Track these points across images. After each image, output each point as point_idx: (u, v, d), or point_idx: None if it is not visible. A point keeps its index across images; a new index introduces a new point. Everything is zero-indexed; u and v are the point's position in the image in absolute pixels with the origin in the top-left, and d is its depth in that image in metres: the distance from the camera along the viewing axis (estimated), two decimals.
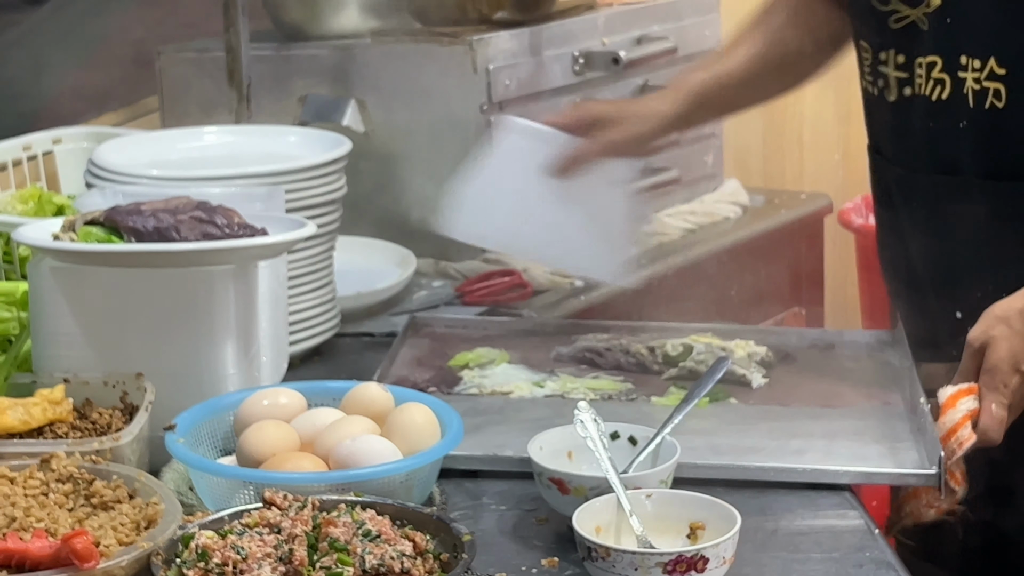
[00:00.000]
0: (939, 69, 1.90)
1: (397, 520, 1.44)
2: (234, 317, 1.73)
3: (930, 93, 1.91)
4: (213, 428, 1.67)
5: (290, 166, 2.05)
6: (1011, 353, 1.72)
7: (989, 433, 1.72)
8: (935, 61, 1.90)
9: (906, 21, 1.92)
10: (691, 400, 1.72)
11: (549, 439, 1.65)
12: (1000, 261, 1.89)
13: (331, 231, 2.10)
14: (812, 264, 2.92)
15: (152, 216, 1.74)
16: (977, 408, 1.72)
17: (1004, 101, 1.85)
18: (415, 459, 1.56)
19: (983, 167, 1.89)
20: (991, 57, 1.85)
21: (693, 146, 2.78)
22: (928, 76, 1.91)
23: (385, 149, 2.50)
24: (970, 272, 1.92)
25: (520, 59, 2.48)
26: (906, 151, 1.98)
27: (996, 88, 1.85)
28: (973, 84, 1.87)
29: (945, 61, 1.89)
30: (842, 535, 1.58)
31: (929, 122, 1.92)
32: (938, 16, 1.89)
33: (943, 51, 1.89)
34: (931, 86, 1.91)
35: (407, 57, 2.47)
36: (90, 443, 1.55)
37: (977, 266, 1.92)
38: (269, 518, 1.41)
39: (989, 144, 1.88)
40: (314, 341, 2.09)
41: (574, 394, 1.92)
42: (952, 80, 1.89)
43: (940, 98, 1.90)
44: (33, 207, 2.27)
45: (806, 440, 1.77)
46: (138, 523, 1.43)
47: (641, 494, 1.52)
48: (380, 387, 1.69)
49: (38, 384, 1.70)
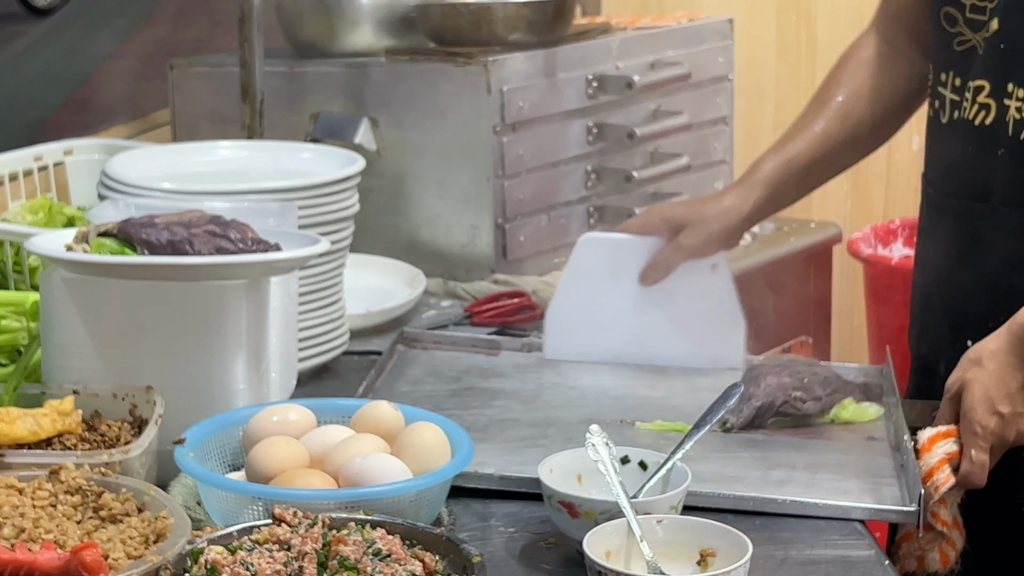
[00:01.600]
0: (986, 94, 1.90)
1: (407, 540, 1.43)
2: (245, 332, 1.73)
3: (974, 117, 1.91)
4: (222, 443, 1.67)
5: (304, 182, 2.04)
6: (985, 395, 1.72)
7: (971, 477, 1.72)
8: (983, 86, 1.90)
9: (967, 45, 1.93)
10: (702, 427, 1.71)
11: (559, 462, 1.64)
12: (1010, 291, 1.88)
13: (342, 248, 2.10)
14: (820, 293, 2.92)
15: (166, 229, 1.73)
16: (956, 451, 1.73)
17: None
18: (426, 478, 1.55)
19: (1013, 196, 1.89)
20: None
21: (704, 172, 2.78)
22: (974, 100, 1.91)
23: (397, 168, 2.50)
24: (985, 302, 1.92)
25: (534, 81, 2.48)
26: (943, 174, 1.98)
27: None
28: (1015, 113, 1.87)
29: (993, 86, 1.89)
30: (853, 566, 1.57)
31: (968, 146, 1.93)
32: (993, 40, 1.89)
33: (992, 76, 1.89)
34: (976, 110, 1.91)
35: (421, 76, 2.47)
36: (100, 455, 1.54)
37: (992, 296, 1.91)
38: (279, 535, 1.40)
39: (1021, 173, 1.88)
40: (322, 358, 2.09)
41: None
42: (997, 106, 1.89)
43: (984, 123, 1.90)
44: (43, 218, 2.26)
45: (788, 471, 1.77)
46: (147, 537, 1.42)
47: (652, 519, 1.51)
48: (391, 406, 1.68)
49: (47, 395, 1.69)
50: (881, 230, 3.71)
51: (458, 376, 2.07)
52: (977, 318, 1.91)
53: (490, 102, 2.42)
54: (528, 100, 2.46)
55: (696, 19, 2.81)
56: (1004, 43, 1.88)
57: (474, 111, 2.43)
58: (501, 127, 2.43)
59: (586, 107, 2.57)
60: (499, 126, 2.43)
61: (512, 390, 2.03)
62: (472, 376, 2.07)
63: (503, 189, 2.45)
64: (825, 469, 1.78)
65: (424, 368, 2.09)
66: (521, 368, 2.10)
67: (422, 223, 2.50)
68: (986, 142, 1.90)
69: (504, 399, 1.99)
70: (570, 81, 2.54)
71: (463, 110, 2.44)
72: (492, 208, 2.44)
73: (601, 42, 2.62)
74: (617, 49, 2.61)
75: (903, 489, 1.72)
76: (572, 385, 2.05)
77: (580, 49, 2.57)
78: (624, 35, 2.64)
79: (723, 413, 1.74)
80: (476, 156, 2.44)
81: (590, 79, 2.56)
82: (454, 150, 2.46)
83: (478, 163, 2.44)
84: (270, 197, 1.99)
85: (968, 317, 1.94)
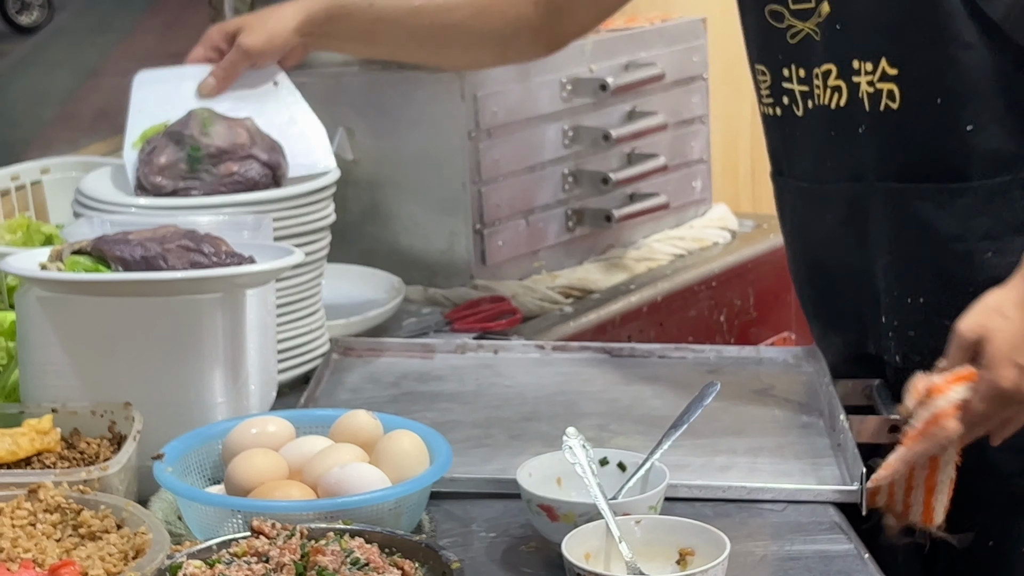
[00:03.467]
0: (834, 76, 1.89)
1: (386, 548, 1.43)
2: (222, 345, 1.73)
3: (829, 102, 1.90)
4: (201, 457, 1.67)
5: (278, 194, 2.05)
6: (1011, 346, 1.64)
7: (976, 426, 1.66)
8: (830, 69, 1.89)
9: (801, 35, 1.92)
10: (680, 426, 1.71)
11: (538, 465, 1.64)
12: (906, 264, 1.89)
13: (319, 259, 2.10)
14: None
15: (139, 245, 1.74)
16: (968, 399, 1.65)
17: (899, 102, 1.84)
18: (404, 486, 1.56)
19: (885, 171, 1.88)
20: (882, 58, 1.84)
21: (681, 171, 2.79)
22: (825, 85, 1.90)
23: (373, 177, 2.50)
24: (880, 277, 1.92)
25: (508, 86, 2.48)
26: (814, 164, 1.97)
27: (890, 89, 1.84)
28: (867, 88, 1.86)
29: (839, 68, 1.88)
30: (832, 560, 1.58)
31: (831, 131, 1.92)
32: (828, 24, 1.88)
33: (836, 58, 1.88)
34: (829, 95, 1.90)
35: (395, 85, 2.47)
36: (78, 473, 1.54)
37: (885, 271, 1.91)
38: (257, 547, 1.41)
39: (888, 147, 1.87)
40: (303, 369, 2.09)
41: None
42: (848, 86, 1.88)
43: (839, 105, 1.89)
44: (21, 237, 2.26)
45: (730, 457, 1.80)
46: (126, 553, 1.42)
47: (631, 520, 1.51)
48: (369, 415, 1.69)
49: (26, 414, 1.69)
50: None
51: (396, 381, 2.09)
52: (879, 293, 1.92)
53: (464, 108, 2.43)
54: (503, 105, 2.47)
55: (669, 19, 2.82)
56: (839, 23, 1.87)
57: (449, 118, 2.44)
58: (476, 133, 2.44)
59: (561, 110, 2.57)
60: (474, 132, 2.44)
61: (451, 392, 2.05)
62: (410, 380, 2.09)
63: (480, 195, 2.45)
64: (765, 452, 1.82)
65: (361, 375, 2.11)
66: (457, 370, 2.12)
67: (400, 231, 2.50)
68: (846, 123, 1.89)
69: (444, 401, 2.01)
70: (544, 85, 2.54)
71: (438, 117, 2.44)
72: (470, 214, 2.45)
73: (574, 45, 2.59)
74: (591, 51, 2.62)
75: (842, 468, 1.75)
76: (509, 383, 2.07)
77: None
78: (597, 37, 2.64)
79: (700, 412, 1.74)
80: (452, 163, 2.44)
81: (564, 82, 2.57)
82: (430, 157, 2.46)
83: (454, 169, 2.44)
84: (244, 210, 1.99)
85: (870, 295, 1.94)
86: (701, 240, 2.78)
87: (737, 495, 1.71)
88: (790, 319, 2.89)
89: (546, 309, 2.44)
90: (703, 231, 2.80)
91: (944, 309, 1.83)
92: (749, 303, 2.79)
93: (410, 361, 2.16)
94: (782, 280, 2.86)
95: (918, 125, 1.84)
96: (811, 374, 2.07)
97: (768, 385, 2.05)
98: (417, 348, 2.18)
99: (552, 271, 2.57)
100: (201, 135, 2.05)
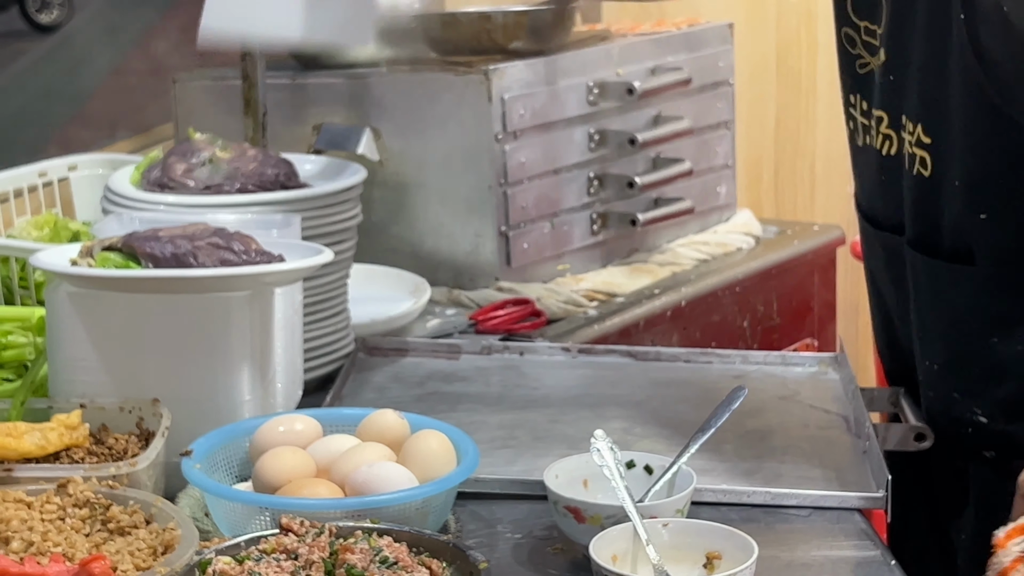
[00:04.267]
0: (886, 124, 1.84)
1: (414, 547, 1.44)
2: (250, 343, 1.74)
3: (881, 147, 1.86)
4: (229, 454, 1.67)
5: (306, 194, 2.05)
6: None
7: None
8: (882, 116, 1.84)
9: (867, 68, 1.87)
10: (708, 430, 1.71)
11: (564, 467, 1.64)
12: (926, 329, 1.84)
13: (346, 259, 2.11)
14: (825, 296, 2.92)
15: (170, 242, 1.74)
16: None
17: (929, 170, 1.77)
18: (432, 486, 1.56)
19: (916, 235, 1.82)
20: (919, 123, 1.77)
21: (706, 176, 2.79)
22: (878, 130, 1.85)
23: (399, 178, 2.51)
24: (899, 333, 1.91)
25: (535, 89, 2.48)
26: (868, 199, 1.94)
27: (923, 156, 1.78)
28: (908, 147, 1.80)
29: (890, 118, 1.83)
30: (859, 566, 1.58)
31: (881, 175, 1.88)
32: (885, 72, 1.83)
33: (889, 107, 1.83)
34: (881, 140, 1.85)
35: (422, 86, 2.47)
36: (107, 468, 1.55)
37: (906, 331, 1.89)
38: (286, 544, 1.41)
39: (916, 211, 1.81)
40: (328, 368, 2.10)
41: None
42: (896, 138, 1.82)
43: (889, 153, 1.84)
44: (48, 233, 2.27)
45: (755, 462, 1.80)
46: (155, 548, 1.43)
47: (658, 523, 1.52)
48: (396, 414, 1.69)
49: (54, 409, 1.70)
50: None
51: (421, 381, 2.09)
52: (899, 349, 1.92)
53: (491, 110, 2.43)
54: (529, 108, 2.47)
55: (696, 24, 2.82)
56: (893, 75, 1.81)
57: (475, 120, 2.44)
58: (503, 135, 2.44)
59: (587, 114, 2.57)
60: (501, 134, 2.44)
61: (476, 393, 2.05)
62: (435, 381, 2.09)
63: (506, 197, 2.45)
64: (791, 458, 1.81)
65: (386, 375, 2.11)
66: (483, 371, 2.13)
67: (426, 232, 2.50)
68: (893, 173, 1.84)
69: (469, 402, 2.01)
70: (571, 88, 2.54)
71: (464, 119, 2.45)
72: (495, 216, 2.45)
73: (601, 49, 2.62)
74: (617, 55, 2.62)
75: (868, 475, 1.75)
76: (534, 385, 2.08)
77: (580, 56, 2.57)
78: (624, 41, 2.64)
79: (727, 416, 1.74)
80: (478, 164, 2.45)
81: (591, 86, 2.57)
82: (456, 159, 2.46)
83: (480, 171, 2.45)
84: (273, 209, 1.99)
85: (892, 348, 1.95)
86: (725, 245, 2.77)
87: (762, 500, 1.71)
88: (813, 326, 2.89)
89: (570, 312, 2.44)
90: (727, 236, 2.80)
91: (955, 383, 1.81)
92: (772, 309, 2.78)
93: (435, 361, 2.16)
94: (806, 287, 2.87)
95: (941, 199, 1.77)
96: (837, 381, 2.07)
97: (793, 391, 2.04)
98: (443, 348, 2.19)
99: (576, 274, 2.57)
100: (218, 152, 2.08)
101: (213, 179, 2.06)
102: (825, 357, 2.13)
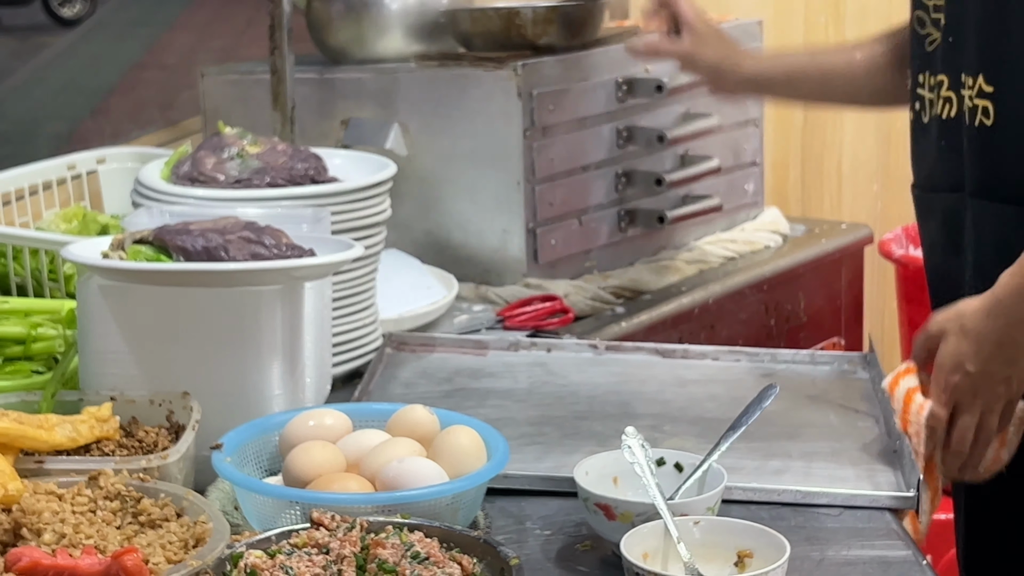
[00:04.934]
0: (946, 87, 1.93)
1: (445, 543, 1.43)
2: (280, 337, 1.74)
3: (942, 112, 1.94)
4: (259, 448, 1.67)
5: (337, 188, 2.05)
6: (957, 351, 1.75)
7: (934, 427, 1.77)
8: (943, 80, 1.93)
9: (936, 43, 1.95)
10: (738, 428, 1.71)
11: (594, 464, 1.64)
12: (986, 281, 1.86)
13: (375, 253, 2.11)
14: (852, 294, 2.91)
15: (201, 235, 1.74)
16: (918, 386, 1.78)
17: (992, 119, 1.86)
18: (463, 481, 1.56)
19: (975, 186, 1.90)
20: (980, 74, 1.87)
21: (734, 174, 2.78)
22: (939, 95, 1.94)
23: (427, 173, 2.50)
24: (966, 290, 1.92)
25: (564, 85, 2.48)
26: (927, 173, 2.00)
27: (984, 106, 1.87)
28: (969, 102, 1.89)
29: (950, 80, 1.92)
30: (890, 566, 1.57)
31: (943, 140, 1.95)
32: (944, 36, 1.93)
33: (949, 70, 1.92)
34: (942, 105, 1.94)
35: (451, 81, 2.47)
36: (138, 461, 1.55)
37: (970, 285, 1.92)
38: (317, 539, 1.41)
39: (979, 163, 1.90)
40: (355, 363, 2.09)
41: None
42: (956, 98, 1.91)
43: (949, 116, 1.93)
44: (77, 226, 2.28)
45: (784, 461, 1.80)
46: (186, 541, 1.43)
47: (689, 520, 1.51)
48: (426, 410, 1.69)
49: (85, 402, 1.70)
50: (912, 231, 3.69)
51: (449, 377, 2.09)
52: None
53: (520, 106, 2.42)
54: (558, 104, 2.47)
55: (725, 21, 2.81)
56: (952, 36, 1.91)
57: (504, 116, 2.44)
58: (531, 131, 2.44)
59: (615, 110, 2.57)
60: (529, 130, 2.43)
61: (504, 389, 2.05)
62: (463, 377, 2.09)
63: (534, 193, 2.45)
64: (820, 457, 1.81)
65: (414, 370, 2.11)
66: (510, 367, 2.13)
67: (453, 228, 2.50)
68: (954, 135, 1.92)
69: (497, 398, 2.01)
70: (599, 85, 2.54)
71: (493, 115, 2.44)
72: (523, 212, 2.45)
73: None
74: None
75: (898, 475, 1.75)
76: (562, 382, 2.07)
77: (609, 53, 2.57)
78: (653, 38, 2.63)
79: (758, 414, 1.74)
80: (506, 160, 2.44)
81: (619, 82, 2.56)
82: (484, 155, 2.46)
83: (509, 167, 2.44)
84: (303, 203, 1.99)
85: None
86: (753, 243, 2.77)
87: (792, 499, 1.70)
88: (839, 324, 2.88)
89: (597, 309, 2.44)
90: (755, 234, 2.79)
91: None
92: (799, 307, 2.78)
93: (463, 357, 2.16)
94: (833, 285, 2.86)
95: (1006, 144, 1.86)
96: (866, 380, 2.07)
97: (823, 390, 2.04)
98: (470, 344, 2.18)
99: (604, 271, 2.56)
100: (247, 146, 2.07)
101: (243, 173, 2.06)
102: (854, 356, 2.13)
